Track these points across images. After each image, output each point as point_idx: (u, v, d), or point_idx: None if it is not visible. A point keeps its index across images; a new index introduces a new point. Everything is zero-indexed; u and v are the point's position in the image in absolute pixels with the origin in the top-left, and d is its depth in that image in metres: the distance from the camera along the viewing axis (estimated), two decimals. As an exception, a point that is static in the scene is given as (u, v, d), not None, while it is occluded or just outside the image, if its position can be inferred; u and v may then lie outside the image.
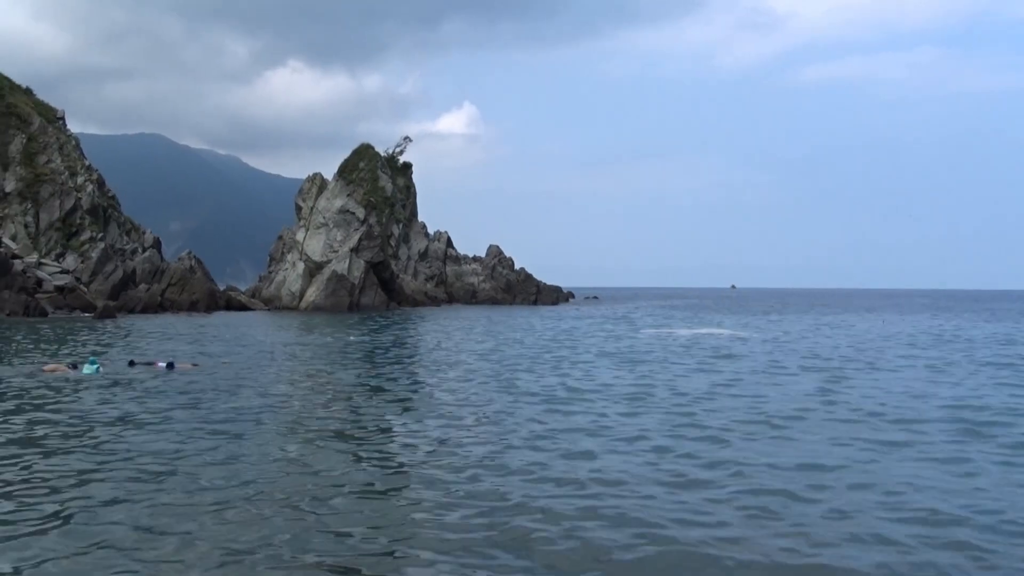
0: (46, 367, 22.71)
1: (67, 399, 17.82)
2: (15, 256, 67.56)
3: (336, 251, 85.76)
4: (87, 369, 22.02)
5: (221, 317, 63.71)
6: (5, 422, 14.90)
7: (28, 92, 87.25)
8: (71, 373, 21.83)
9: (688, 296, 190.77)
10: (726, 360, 28.50)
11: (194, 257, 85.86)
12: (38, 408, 16.49)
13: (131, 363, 24.06)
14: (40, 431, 14.16)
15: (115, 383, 20.54)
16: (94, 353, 27.31)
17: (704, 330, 48.23)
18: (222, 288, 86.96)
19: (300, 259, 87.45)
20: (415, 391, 20.33)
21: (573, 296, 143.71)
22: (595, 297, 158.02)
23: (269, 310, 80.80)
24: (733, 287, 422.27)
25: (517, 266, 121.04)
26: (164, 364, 23.74)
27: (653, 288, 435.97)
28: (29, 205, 77.89)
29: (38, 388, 19.36)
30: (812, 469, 11.62)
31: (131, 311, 65.60)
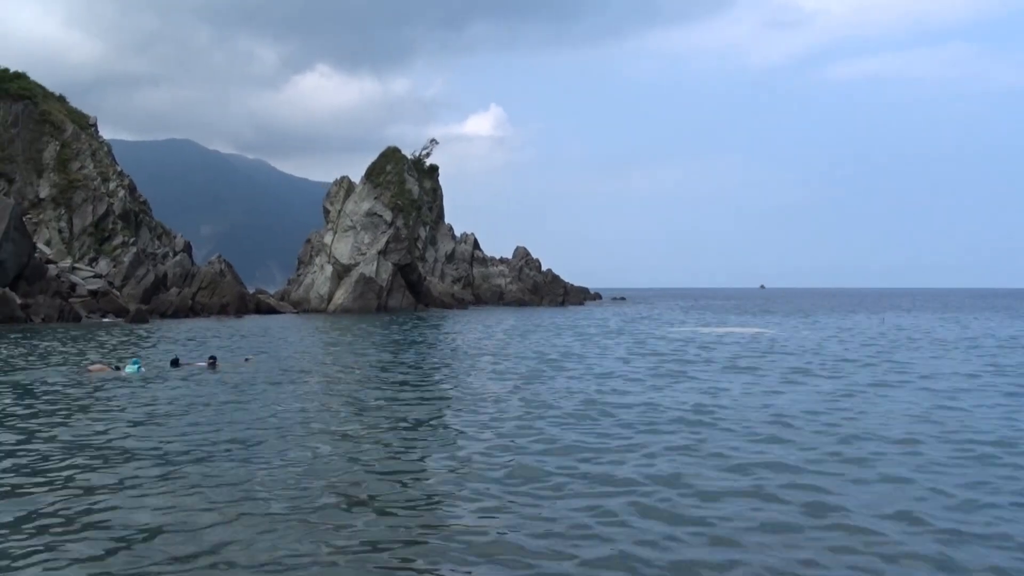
0: (91, 368, 23.18)
1: (115, 396, 18.41)
2: (49, 261, 68.66)
3: (364, 254, 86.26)
4: (129, 368, 22.66)
5: (251, 320, 64.30)
6: (64, 421, 15.30)
7: (61, 100, 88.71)
8: (115, 373, 22.41)
9: (718, 296, 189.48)
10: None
11: (224, 261, 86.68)
12: (86, 408, 16.82)
13: (175, 362, 24.50)
14: (99, 427, 14.57)
15: (160, 381, 21.23)
16: (134, 355, 28.04)
17: (757, 329, 47.92)
18: (251, 291, 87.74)
19: (328, 262, 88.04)
20: (474, 392, 20.31)
21: (600, 297, 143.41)
22: (622, 298, 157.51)
23: (298, 313, 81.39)
24: (762, 287, 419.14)
25: (544, 267, 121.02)
26: (205, 362, 24.41)
27: (680, 289, 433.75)
28: (63, 211, 79.13)
29: (86, 388, 19.83)
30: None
31: (163, 315, 66.40)
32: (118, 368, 23.16)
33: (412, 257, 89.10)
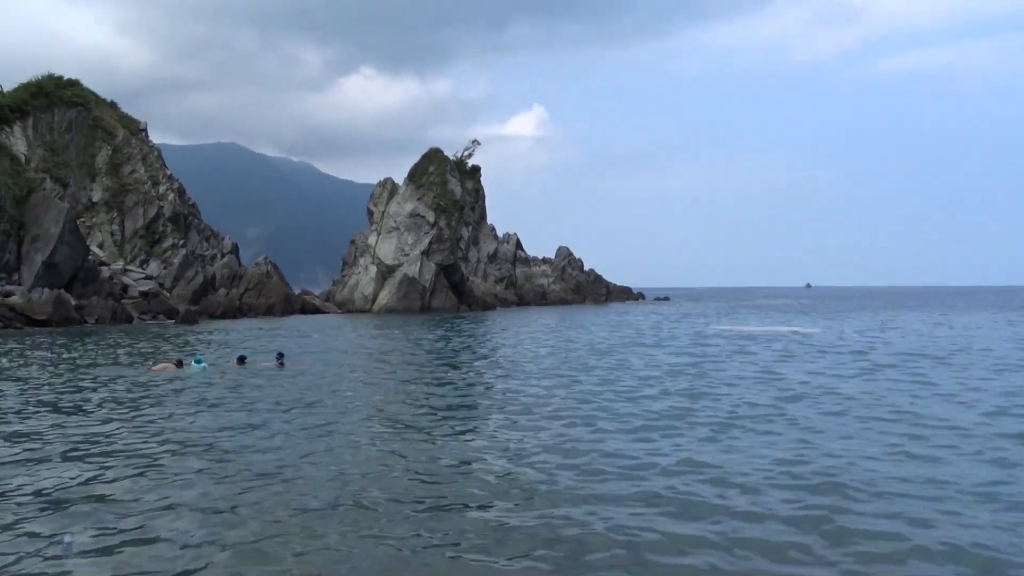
0: (155, 367, 23.79)
1: (185, 394, 19.11)
2: (102, 263, 70.38)
3: (407, 254, 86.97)
4: (194, 367, 23.26)
5: (298, 320, 65.25)
6: (135, 418, 15.82)
7: (113, 105, 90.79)
8: (179, 371, 23.03)
9: (767, 295, 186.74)
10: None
11: (270, 262, 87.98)
12: (155, 403, 17.34)
13: (241, 359, 25.07)
14: (169, 422, 15.06)
15: (226, 378, 21.96)
16: (194, 352, 28.91)
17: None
18: (297, 292, 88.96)
19: (372, 263, 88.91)
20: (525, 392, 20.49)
21: (643, 297, 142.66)
22: (666, 298, 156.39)
23: (342, 313, 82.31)
24: (808, 285, 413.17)
25: (586, 267, 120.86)
26: (274, 362, 24.91)
27: (724, 288, 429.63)
28: (115, 214, 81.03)
29: (155, 386, 20.50)
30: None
31: (211, 315, 67.64)
32: (181, 365, 23.74)
33: (455, 258, 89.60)
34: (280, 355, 25.20)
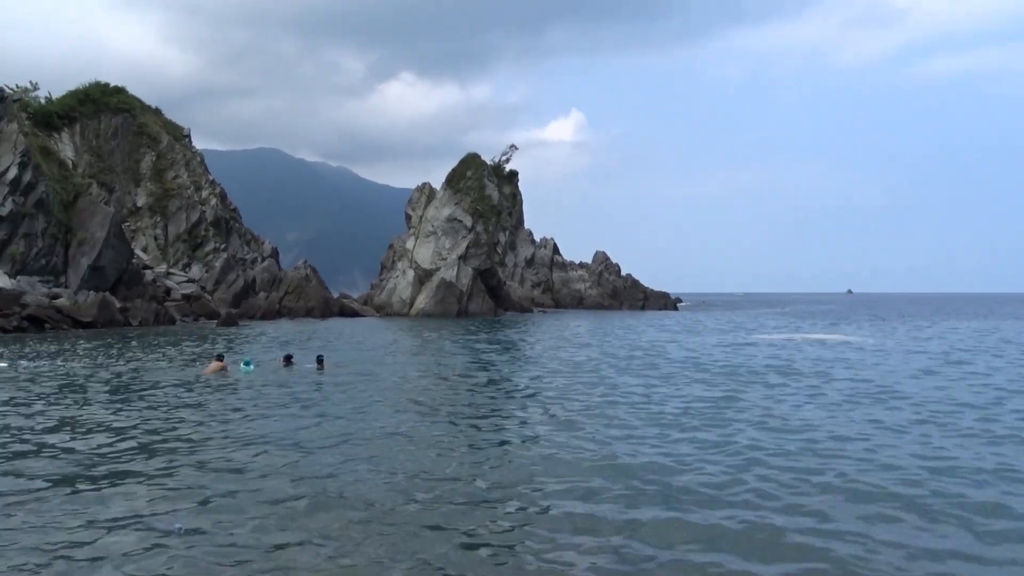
0: (205, 369, 24.14)
1: (238, 394, 19.60)
2: (146, 267, 71.63)
3: (445, 259, 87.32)
4: (242, 368, 23.68)
5: (336, 322, 65.79)
6: (193, 414, 16.29)
7: (157, 112, 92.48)
8: (228, 371, 23.46)
9: (807, 302, 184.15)
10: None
11: (309, 266, 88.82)
12: (201, 404, 17.61)
13: (288, 359, 25.44)
14: (230, 423, 15.27)
15: (273, 379, 22.38)
16: (242, 354, 29.43)
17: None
18: (336, 295, 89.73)
19: (410, 267, 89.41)
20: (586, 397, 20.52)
21: (681, 302, 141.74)
22: (702, 303, 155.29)
23: (380, 316, 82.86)
24: (849, 292, 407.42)
25: (623, 272, 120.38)
26: (314, 364, 25.28)
27: (763, 294, 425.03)
28: (158, 218, 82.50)
29: (203, 385, 20.88)
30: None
31: (251, 318, 68.45)
32: (222, 363, 24.01)
33: (492, 262, 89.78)
34: (320, 358, 25.51)
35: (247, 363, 24.42)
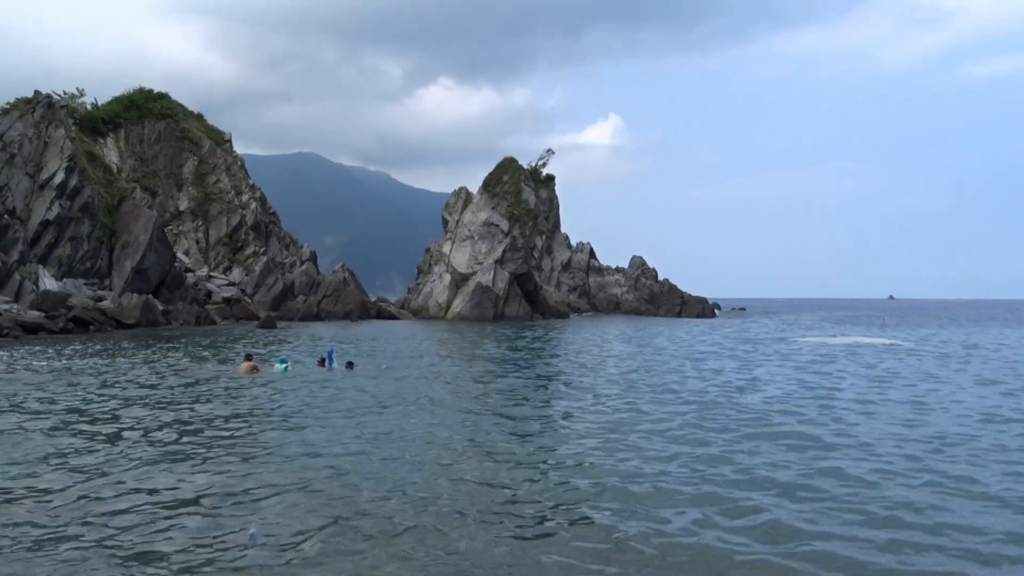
0: (241, 367, 24.49)
1: (270, 392, 19.84)
2: (188, 270, 72.71)
3: (481, 263, 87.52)
4: (277, 367, 23.97)
5: (373, 325, 66.21)
6: (229, 410, 16.59)
7: (200, 117, 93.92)
8: (264, 369, 23.82)
9: (848, 307, 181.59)
10: None
11: (347, 270, 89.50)
12: (247, 398, 17.85)
13: (349, 364, 25.52)
14: (266, 421, 15.53)
15: (306, 379, 22.64)
16: (279, 353, 29.80)
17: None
18: (373, 299, 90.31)
19: (447, 271, 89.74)
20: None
21: (719, 307, 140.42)
22: (742, 309, 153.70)
23: (417, 320, 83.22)
24: (891, 297, 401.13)
25: (660, 277, 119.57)
26: (343, 366, 25.40)
27: (802, 299, 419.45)
28: (200, 222, 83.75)
29: (240, 383, 21.18)
30: None
31: (290, 320, 69.10)
32: (252, 363, 24.25)
33: (528, 266, 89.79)
34: (350, 363, 25.57)
35: (283, 361, 24.69)
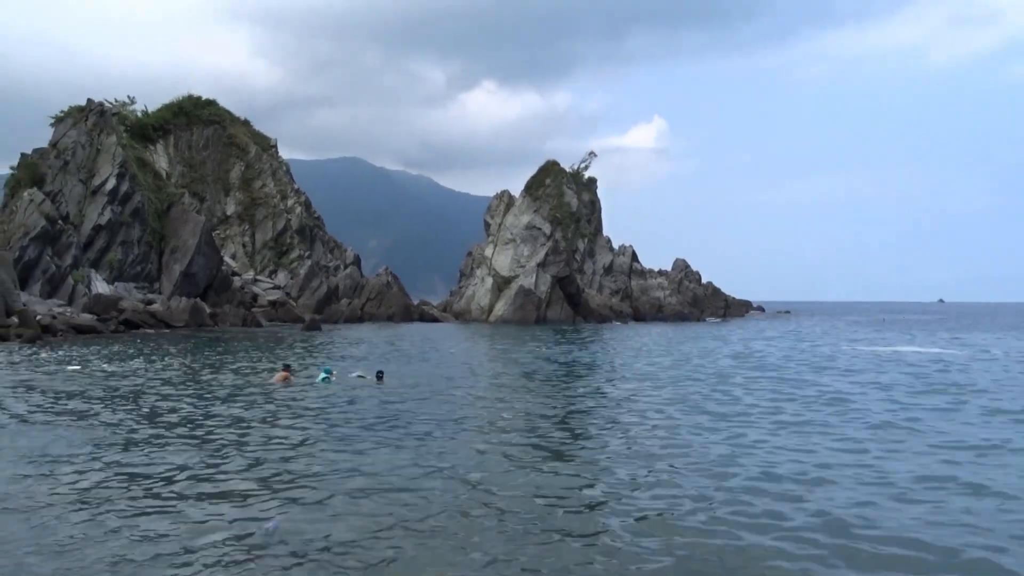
0: (273, 378, 24.10)
1: (315, 402, 19.67)
2: (235, 273, 73.87)
3: (523, 266, 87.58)
4: (321, 378, 23.70)
5: (416, 327, 66.56)
6: (252, 425, 16.57)
7: (246, 123, 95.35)
8: (292, 382, 23.50)
9: (898, 311, 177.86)
10: None
11: (391, 273, 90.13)
12: (296, 408, 18.07)
13: (380, 375, 24.76)
14: (317, 429, 15.64)
15: (346, 392, 22.17)
16: (323, 363, 29.53)
17: None
18: (416, 302, 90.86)
19: (489, 274, 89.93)
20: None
21: (763, 311, 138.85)
22: (787, 312, 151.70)
23: (459, 322, 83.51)
24: (941, 301, 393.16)
25: (704, 280, 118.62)
26: (374, 377, 24.94)
27: (848, 303, 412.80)
28: (246, 226, 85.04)
29: (272, 394, 21.21)
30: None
31: (334, 323, 69.75)
32: (287, 373, 23.85)
33: (570, 270, 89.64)
34: (380, 372, 24.80)
35: (327, 371, 24.26)
